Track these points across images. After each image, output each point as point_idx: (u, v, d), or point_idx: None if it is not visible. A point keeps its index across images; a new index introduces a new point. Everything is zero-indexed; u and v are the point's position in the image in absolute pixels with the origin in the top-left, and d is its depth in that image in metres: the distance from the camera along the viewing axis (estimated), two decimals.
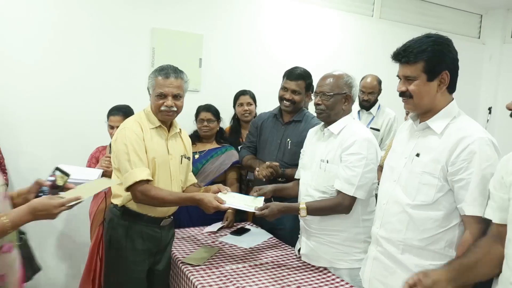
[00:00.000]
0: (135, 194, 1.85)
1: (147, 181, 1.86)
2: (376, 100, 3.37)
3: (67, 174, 1.47)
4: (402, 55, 1.46)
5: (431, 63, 1.42)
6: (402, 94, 1.51)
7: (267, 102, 3.00)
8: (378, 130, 3.28)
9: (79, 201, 1.38)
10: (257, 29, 3.67)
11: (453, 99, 1.51)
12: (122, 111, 2.60)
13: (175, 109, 1.93)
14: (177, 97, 1.93)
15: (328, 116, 1.96)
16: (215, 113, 2.87)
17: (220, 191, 1.97)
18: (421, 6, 4.58)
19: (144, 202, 1.88)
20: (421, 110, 1.51)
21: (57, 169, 1.49)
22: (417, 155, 1.49)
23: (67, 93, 2.94)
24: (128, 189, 1.85)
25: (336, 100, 1.93)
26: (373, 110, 3.37)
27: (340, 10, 4.08)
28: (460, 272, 1.25)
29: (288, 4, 3.79)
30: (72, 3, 2.96)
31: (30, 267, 1.53)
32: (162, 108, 1.91)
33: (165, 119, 1.97)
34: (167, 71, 1.92)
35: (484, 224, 1.36)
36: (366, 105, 3.35)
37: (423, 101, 1.47)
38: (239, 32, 3.58)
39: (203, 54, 3.43)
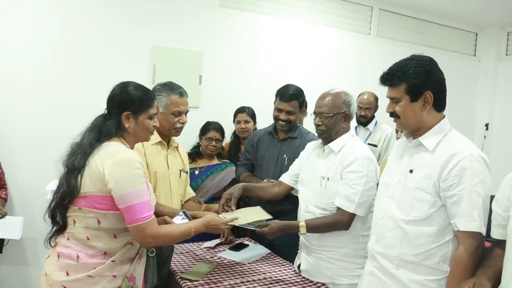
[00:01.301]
0: None
1: None
2: (373, 116, 3.41)
3: (189, 219, 1.82)
4: (386, 79, 1.53)
5: (412, 84, 1.47)
6: (391, 114, 1.57)
7: (266, 118, 3.05)
8: (375, 145, 3.32)
9: (235, 221, 1.82)
10: (256, 47, 3.74)
11: (444, 116, 1.55)
12: None
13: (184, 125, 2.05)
14: (187, 113, 2.05)
15: (329, 136, 1.99)
16: (223, 133, 2.92)
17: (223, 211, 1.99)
18: (417, 25, 4.68)
19: None
20: (410, 129, 1.57)
21: (184, 212, 1.85)
22: (411, 171, 1.52)
23: (68, 109, 2.99)
24: None
25: (336, 120, 1.96)
26: (370, 126, 3.41)
27: (338, 29, 4.17)
28: (494, 280, 1.28)
29: (286, 23, 3.88)
30: (75, 21, 3.04)
31: (152, 280, 1.77)
32: (178, 125, 2.01)
33: (176, 135, 2.07)
34: (180, 90, 2.02)
35: (477, 239, 1.39)
36: (363, 121, 3.39)
37: (409, 120, 1.52)
38: (238, 49, 3.66)
39: (203, 71, 3.50)
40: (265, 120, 3.14)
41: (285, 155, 2.47)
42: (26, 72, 2.91)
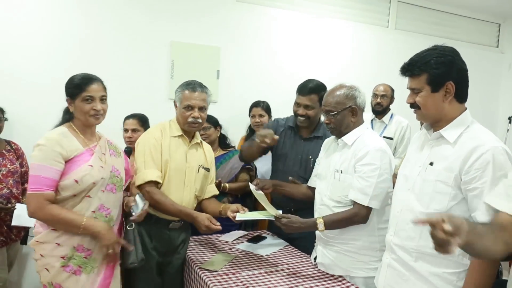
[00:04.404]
0: (142, 193, 1.99)
1: (157, 183, 2.00)
2: (388, 108, 3.40)
3: (143, 201, 1.89)
4: (407, 69, 1.51)
5: (434, 75, 1.46)
6: (411, 105, 1.55)
7: (282, 113, 3.05)
8: (391, 138, 3.30)
9: (240, 215, 2.00)
10: (272, 41, 3.75)
11: (466, 108, 1.53)
12: (138, 116, 2.78)
13: (200, 120, 2.08)
14: (202, 109, 2.09)
15: (340, 132, 2.00)
16: (211, 121, 2.92)
17: (239, 211, 2.05)
18: (437, 16, 4.58)
19: (149, 202, 1.99)
20: (430, 120, 1.55)
21: (138, 195, 1.91)
22: (431, 163, 1.51)
23: None
24: (138, 187, 2.02)
25: (343, 116, 1.96)
26: (386, 118, 3.39)
27: (355, 22, 4.13)
28: (474, 235, 1.13)
29: (303, 17, 3.86)
30: (96, 19, 3.11)
31: (136, 253, 1.86)
32: (189, 119, 2.06)
33: (191, 129, 2.11)
34: (194, 85, 2.08)
35: None
36: (379, 109, 3.36)
37: (430, 111, 1.51)
38: (255, 44, 3.67)
39: (221, 66, 3.53)
40: (281, 115, 3.14)
41: (310, 156, 2.39)
42: (48, 71, 2.99)
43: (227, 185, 2.73)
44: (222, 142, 2.96)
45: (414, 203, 1.53)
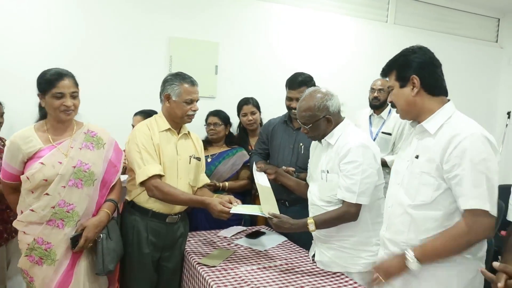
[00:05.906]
0: (149, 188, 1.98)
1: (160, 176, 1.99)
2: (386, 101, 3.37)
3: None
4: (382, 70, 1.62)
5: (398, 71, 1.54)
6: (391, 104, 1.63)
7: (280, 108, 3.05)
8: (389, 134, 3.29)
9: (234, 208, 1.98)
10: (271, 36, 3.73)
11: (448, 100, 1.55)
12: (144, 113, 2.79)
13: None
14: (197, 101, 2.13)
15: (319, 139, 2.03)
16: (223, 118, 2.92)
17: (231, 203, 2.04)
18: (436, 11, 4.56)
19: (157, 197, 2.01)
20: (407, 116, 1.60)
21: None
22: (416, 157, 1.54)
23: (88, 101, 3.02)
24: (142, 184, 1.99)
25: (317, 126, 1.97)
26: (384, 114, 3.37)
27: (354, 17, 4.11)
28: None
29: (302, 12, 3.85)
30: (93, 14, 3.10)
31: (103, 264, 1.88)
32: (190, 112, 2.10)
33: (190, 121, 2.15)
34: (191, 79, 2.10)
35: (481, 216, 1.37)
36: (376, 104, 3.34)
37: (402, 107, 1.57)
38: (254, 39, 3.66)
39: (219, 62, 3.51)
40: (280, 110, 3.13)
41: (301, 144, 2.47)
42: (46, 68, 2.97)
43: (226, 183, 2.73)
44: (228, 139, 2.97)
45: (402, 197, 1.56)
